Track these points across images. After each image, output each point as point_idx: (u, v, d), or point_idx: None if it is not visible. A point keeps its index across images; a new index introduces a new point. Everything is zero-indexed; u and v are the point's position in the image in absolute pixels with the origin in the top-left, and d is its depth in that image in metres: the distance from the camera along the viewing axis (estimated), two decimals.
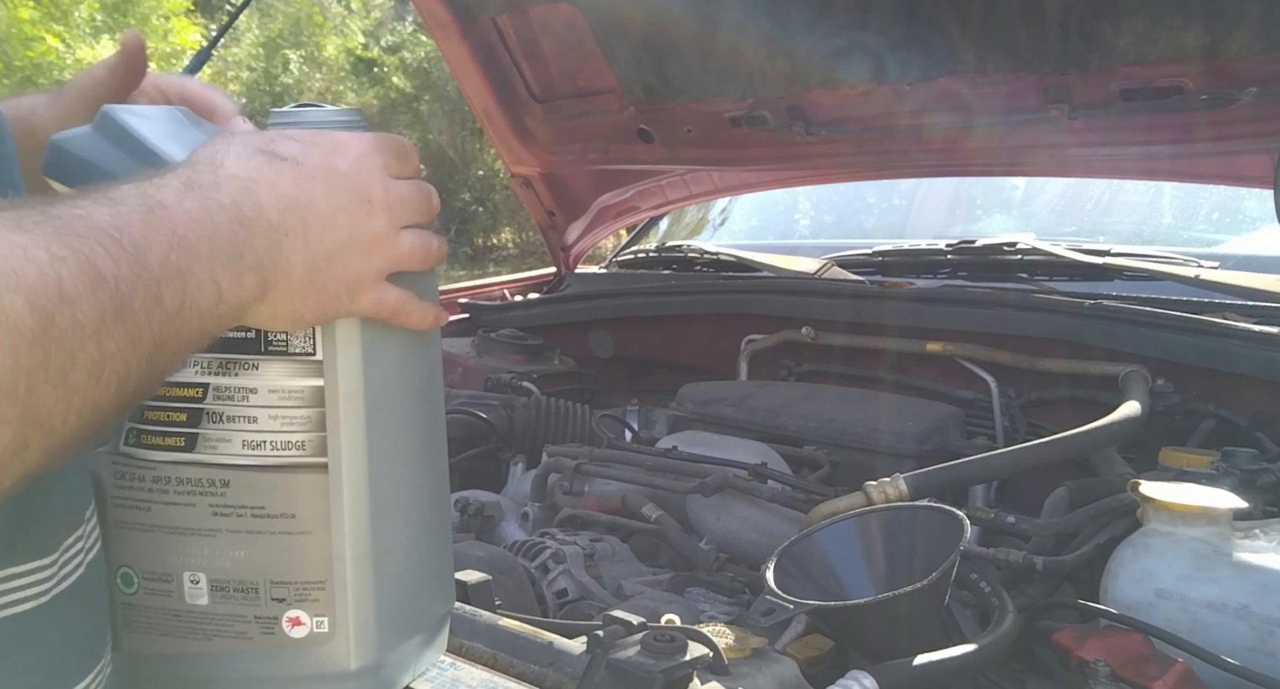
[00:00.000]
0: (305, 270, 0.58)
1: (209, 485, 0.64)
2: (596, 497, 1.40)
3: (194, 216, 0.52)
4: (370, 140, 0.62)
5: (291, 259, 0.57)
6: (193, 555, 0.64)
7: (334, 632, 0.65)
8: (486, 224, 10.96)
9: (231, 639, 0.65)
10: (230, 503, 0.63)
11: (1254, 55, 1.42)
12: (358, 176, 0.60)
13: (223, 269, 0.53)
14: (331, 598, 0.64)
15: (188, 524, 0.64)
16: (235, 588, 0.64)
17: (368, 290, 0.61)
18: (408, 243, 0.62)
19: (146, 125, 0.64)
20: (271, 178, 0.57)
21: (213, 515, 0.64)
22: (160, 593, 0.65)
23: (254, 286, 0.55)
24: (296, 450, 0.63)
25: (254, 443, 0.63)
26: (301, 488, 0.63)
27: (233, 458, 0.63)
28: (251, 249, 0.55)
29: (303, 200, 0.58)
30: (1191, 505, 0.97)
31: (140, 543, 0.65)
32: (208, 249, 0.52)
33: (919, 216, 2.55)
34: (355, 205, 0.60)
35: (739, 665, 0.78)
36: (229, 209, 0.54)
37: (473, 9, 2.05)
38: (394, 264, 0.62)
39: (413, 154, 0.64)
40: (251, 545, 0.64)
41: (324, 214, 0.58)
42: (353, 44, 11.24)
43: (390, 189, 0.61)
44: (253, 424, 0.63)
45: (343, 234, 0.59)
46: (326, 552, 0.64)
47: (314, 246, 0.58)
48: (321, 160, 0.59)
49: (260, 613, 0.64)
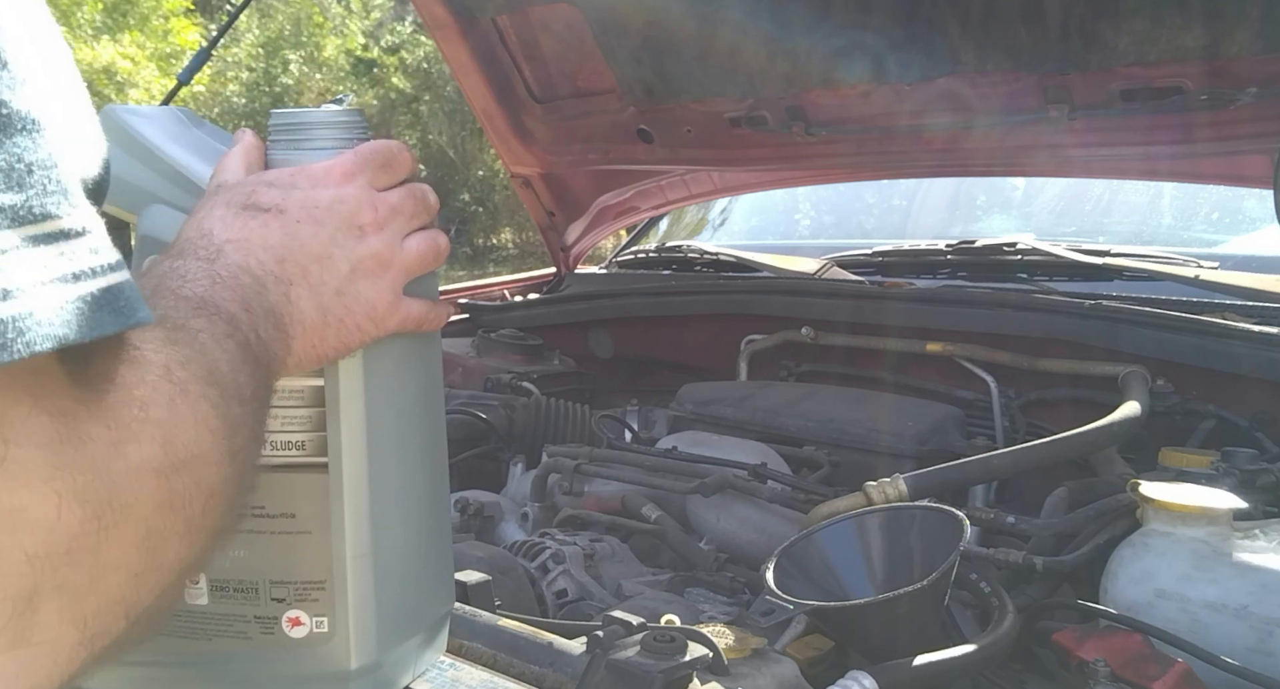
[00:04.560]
0: (318, 314, 0.58)
1: None
2: (596, 497, 1.40)
3: (236, 281, 0.53)
4: (350, 162, 0.61)
5: (303, 306, 0.57)
6: None
7: (334, 632, 0.64)
8: (486, 224, 10.96)
9: (231, 639, 0.65)
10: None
11: (1254, 55, 1.42)
12: (342, 205, 0.59)
13: (266, 325, 0.53)
14: (331, 598, 0.64)
15: None
16: (235, 588, 0.64)
17: (389, 310, 0.61)
18: (414, 250, 0.62)
19: (147, 125, 0.64)
20: (260, 233, 0.57)
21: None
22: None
23: (280, 343, 0.55)
24: (296, 450, 0.63)
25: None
26: (301, 488, 0.63)
27: None
28: (268, 305, 0.55)
29: (295, 247, 0.57)
30: (1191, 506, 0.97)
31: None
32: (259, 309, 0.53)
33: (919, 217, 2.55)
34: (347, 236, 0.59)
35: (739, 666, 0.78)
36: (239, 272, 0.54)
37: (473, 9, 2.05)
38: (406, 274, 0.62)
39: (398, 159, 0.63)
40: (251, 545, 0.64)
41: (319, 254, 0.58)
42: (352, 44, 11.24)
43: (380, 204, 0.61)
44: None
45: (343, 268, 0.59)
46: (326, 552, 0.64)
47: (319, 289, 0.58)
48: (303, 200, 0.59)
49: (260, 613, 0.64)
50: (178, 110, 0.69)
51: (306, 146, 0.64)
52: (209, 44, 2.06)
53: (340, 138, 0.64)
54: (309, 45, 11.30)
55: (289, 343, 0.56)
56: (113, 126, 0.64)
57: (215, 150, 0.65)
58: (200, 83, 10.40)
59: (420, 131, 10.73)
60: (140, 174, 0.64)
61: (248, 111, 11.12)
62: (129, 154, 0.63)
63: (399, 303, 0.62)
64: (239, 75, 11.47)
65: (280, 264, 0.56)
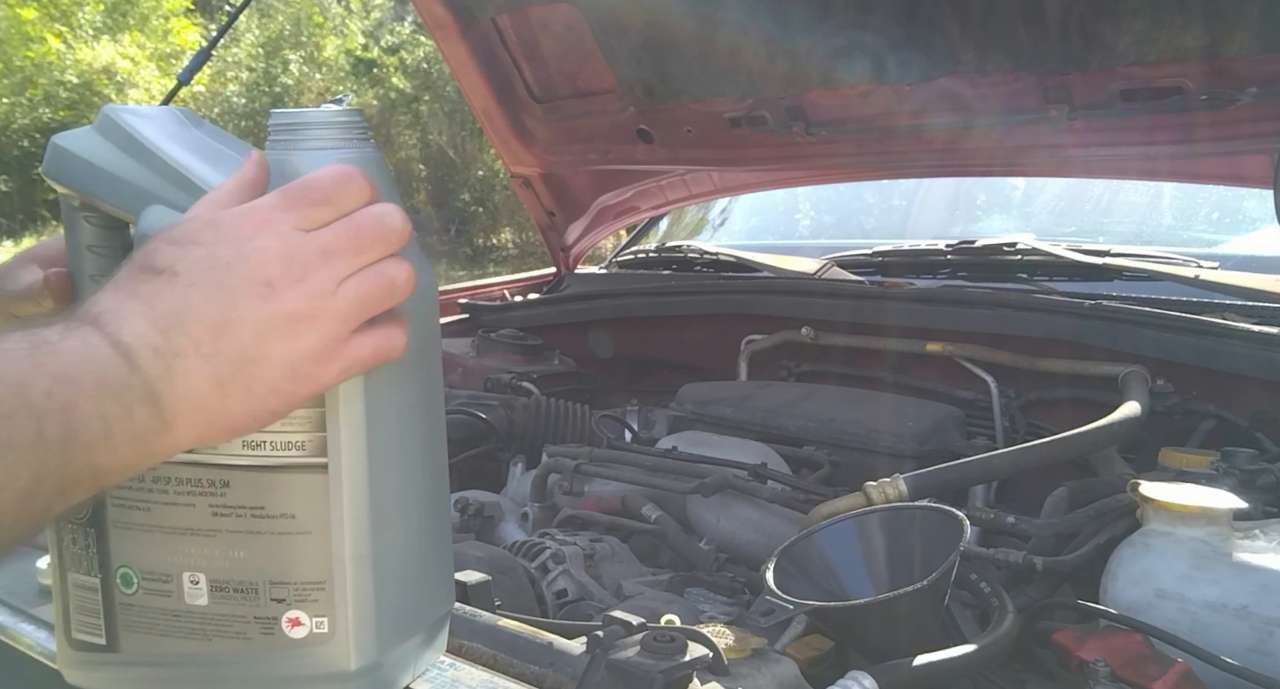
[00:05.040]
0: (213, 387, 0.52)
1: (209, 485, 0.63)
2: (596, 497, 1.40)
3: (77, 353, 0.50)
4: (271, 204, 0.56)
5: (192, 381, 0.52)
6: (192, 555, 0.64)
7: (334, 632, 0.64)
8: (486, 224, 10.95)
9: (231, 639, 0.65)
10: (230, 503, 0.63)
11: (1254, 55, 1.42)
12: (246, 262, 0.53)
13: (111, 403, 0.49)
14: (331, 598, 0.64)
15: (187, 524, 0.64)
16: (235, 588, 0.64)
17: (319, 367, 0.55)
18: (352, 295, 0.56)
19: (147, 125, 0.64)
20: (149, 299, 0.52)
21: (212, 515, 0.64)
22: (160, 593, 0.65)
23: (150, 419, 0.51)
24: (296, 450, 0.63)
25: (254, 442, 0.62)
26: (301, 488, 0.63)
27: (233, 458, 0.63)
28: (140, 380, 0.50)
29: (184, 315, 0.52)
30: (1191, 506, 0.97)
31: (139, 543, 0.65)
32: (93, 384, 0.49)
33: (919, 217, 2.55)
34: (250, 296, 0.53)
35: (739, 666, 0.78)
36: (111, 342, 0.50)
37: (473, 9, 2.05)
38: (346, 323, 0.56)
39: (341, 190, 0.57)
40: (251, 545, 0.64)
41: (215, 322, 0.52)
42: (352, 44, 11.25)
43: (301, 252, 0.54)
44: None
45: (245, 335, 0.53)
46: (326, 552, 0.64)
47: (215, 359, 0.52)
48: (202, 260, 0.53)
49: (260, 613, 0.64)
50: (178, 110, 0.68)
51: (305, 147, 0.64)
52: (209, 44, 2.06)
53: (339, 138, 0.64)
54: (309, 45, 11.31)
55: (166, 419, 0.51)
56: (113, 126, 0.64)
57: (215, 150, 0.65)
58: (200, 83, 10.41)
59: (420, 131, 10.73)
60: (140, 174, 0.63)
61: (248, 111, 11.13)
62: (129, 154, 0.63)
63: (336, 354, 0.56)
64: (239, 75, 11.48)
65: (164, 336, 0.51)
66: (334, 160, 0.61)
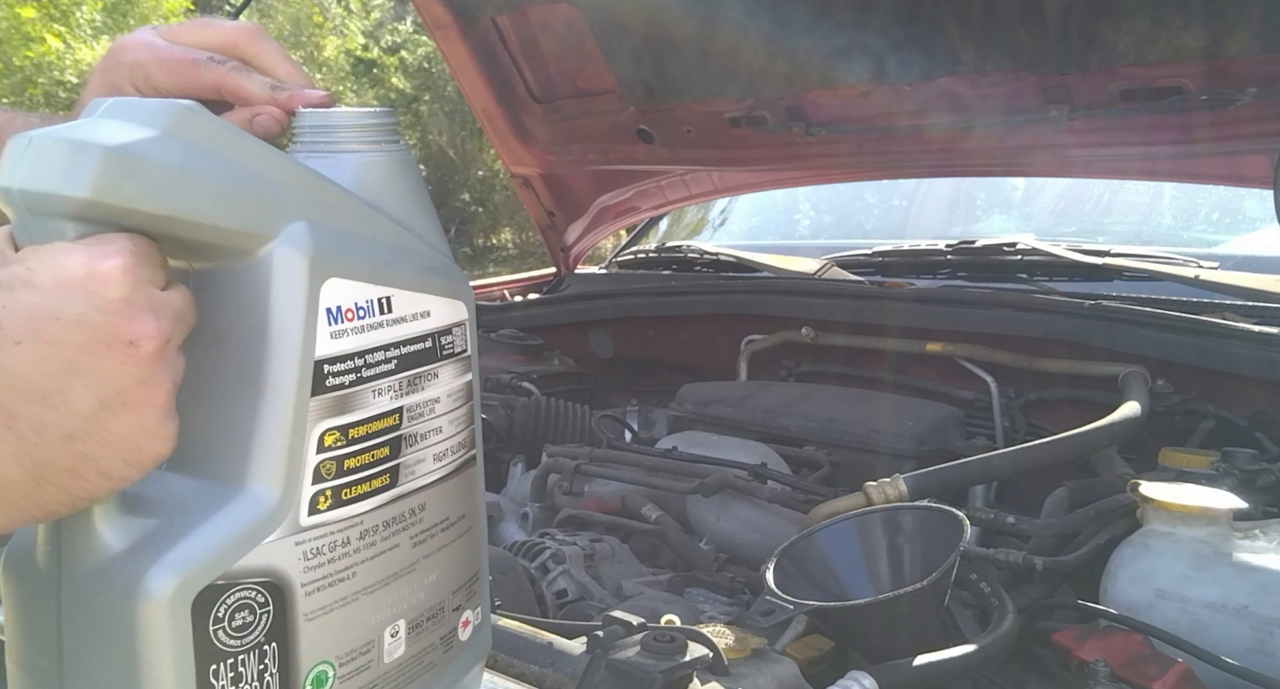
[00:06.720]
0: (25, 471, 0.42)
1: (410, 516, 0.57)
2: (596, 497, 1.40)
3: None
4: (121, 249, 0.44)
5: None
6: (394, 604, 0.57)
7: (483, 616, 0.63)
8: (486, 224, 10.95)
9: (423, 675, 0.59)
10: (426, 526, 0.58)
11: (1254, 55, 1.42)
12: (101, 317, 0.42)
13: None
14: (480, 585, 0.63)
15: (391, 570, 0.56)
16: (428, 618, 0.59)
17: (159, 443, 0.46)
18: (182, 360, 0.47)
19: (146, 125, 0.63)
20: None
21: (413, 547, 0.57)
22: (359, 670, 0.55)
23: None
24: (465, 450, 0.61)
25: (440, 454, 0.59)
26: (468, 485, 0.62)
27: (427, 476, 0.58)
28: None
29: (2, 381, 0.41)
30: (1191, 506, 0.97)
31: (338, 623, 0.53)
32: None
33: (919, 217, 2.55)
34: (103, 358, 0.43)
35: (739, 666, 0.78)
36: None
37: (473, 9, 2.05)
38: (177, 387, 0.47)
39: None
40: (441, 564, 0.60)
41: (44, 392, 0.42)
42: (352, 44, 11.24)
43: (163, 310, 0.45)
44: (439, 435, 0.59)
45: (84, 405, 0.43)
46: (478, 541, 0.63)
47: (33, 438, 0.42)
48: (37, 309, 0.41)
49: (445, 631, 0.60)
50: (185, 105, 0.67)
51: (334, 149, 0.59)
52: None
53: (370, 140, 0.59)
54: (309, 45, 11.30)
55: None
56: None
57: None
58: None
59: (420, 131, 10.72)
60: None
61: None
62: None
63: (172, 425, 0.46)
64: None
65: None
66: (364, 163, 0.58)
